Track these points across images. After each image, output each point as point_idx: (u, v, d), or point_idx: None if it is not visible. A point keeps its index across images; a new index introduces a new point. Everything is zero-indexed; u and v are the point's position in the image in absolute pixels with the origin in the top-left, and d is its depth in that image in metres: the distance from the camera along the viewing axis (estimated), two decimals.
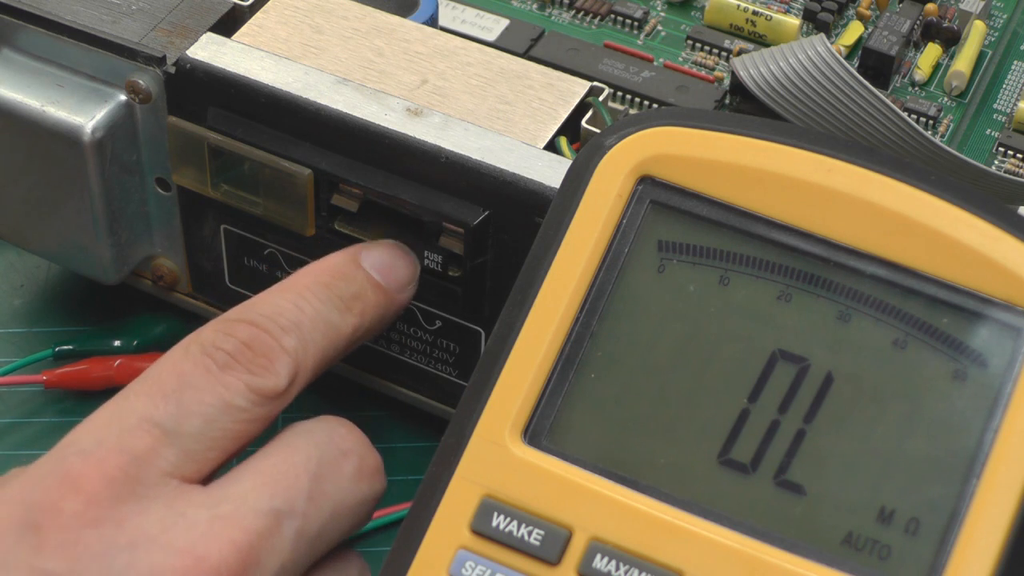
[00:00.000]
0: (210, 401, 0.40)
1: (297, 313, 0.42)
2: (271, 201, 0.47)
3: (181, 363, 0.41)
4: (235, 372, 0.40)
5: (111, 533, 0.37)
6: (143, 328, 0.54)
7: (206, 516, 0.38)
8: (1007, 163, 0.58)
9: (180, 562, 0.37)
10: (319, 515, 0.40)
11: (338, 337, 0.43)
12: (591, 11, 0.62)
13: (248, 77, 0.46)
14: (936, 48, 0.61)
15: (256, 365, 0.41)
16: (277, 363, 0.41)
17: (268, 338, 0.41)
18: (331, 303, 0.43)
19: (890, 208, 0.38)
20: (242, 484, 0.39)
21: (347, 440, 0.41)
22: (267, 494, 0.39)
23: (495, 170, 0.44)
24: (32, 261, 0.57)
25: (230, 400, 0.40)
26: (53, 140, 0.48)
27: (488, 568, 0.38)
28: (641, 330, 0.39)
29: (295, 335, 0.42)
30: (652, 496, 0.38)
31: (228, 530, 0.38)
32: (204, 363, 0.40)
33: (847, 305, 0.39)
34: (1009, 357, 0.37)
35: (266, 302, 0.42)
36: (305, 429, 0.41)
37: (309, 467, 0.40)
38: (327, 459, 0.40)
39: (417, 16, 0.55)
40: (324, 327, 0.42)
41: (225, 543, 0.38)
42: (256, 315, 0.42)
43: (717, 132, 0.40)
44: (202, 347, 0.41)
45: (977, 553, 0.36)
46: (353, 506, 0.41)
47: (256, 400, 0.40)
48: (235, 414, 0.40)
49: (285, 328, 0.41)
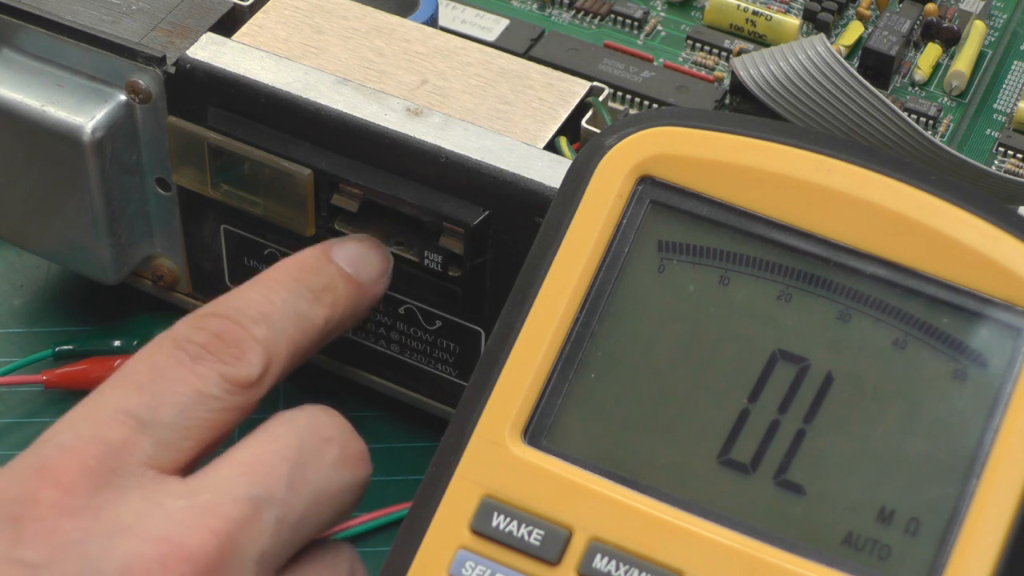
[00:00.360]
0: (183, 391, 0.40)
1: (267, 304, 0.42)
2: (271, 201, 0.47)
3: (154, 356, 0.41)
4: (207, 362, 0.41)
5: (88, 522, 0.38)
6: (143, 328, 0.54)
7: (184, 505, 0.38)
8: (1007, 163, 0.58)
9: (156, 550, 0.37)
10: (300, 502, 0.40)
11: (310, 327, 0.43)
12: (591, 11, 0.62)
13: (248, 77, 0.46)
14: (936, 48, 0.61)
15: (228, 355, 0.41)
16: (249, 352, 0.41)
17: (239, 329, 0.42)
18: (300, 294, 0.43)
19: (890, 208, 0.38)
20: (221, 473, 0.39)
21: (329, 427, 0.41)
22: (245, 482, 0.39)
23: (495, 170, 0.44)
24: (32, 261, 0.57)
25: (204, 389, 0.40)
26: (53, 140, 0.48)
27: (488, 568, 0.38)
28: (641, 330, 0.39)
29: (265, 325, 0.42)
30: (652, 496, 0.38)
31: (206, 518, 0.38)
32: (176, 355, 0.41)
33: (847, 305, 0.39)
34: (1009, 357, 0.37)
35: (236, 296, 0.43)
36: (287, 418, 0.41)
37: (289, 454, 0.40)
38: (308, 446, 0.40)
39: (417, 16, 0.55)
40: (295, 317, 0.43)
41: (202, 531, 0.38)
42: (226, 308, 0.42)
43: (717, 132, 0.40)
44: (175, 341, 0.41)
45: (977, 553, 0.36)
46: (336, 493, 0.41)
47: (230, 389, 0.41)
48: (209, 403, 0.40)
49: (255, 319, 0.42)
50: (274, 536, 0.39)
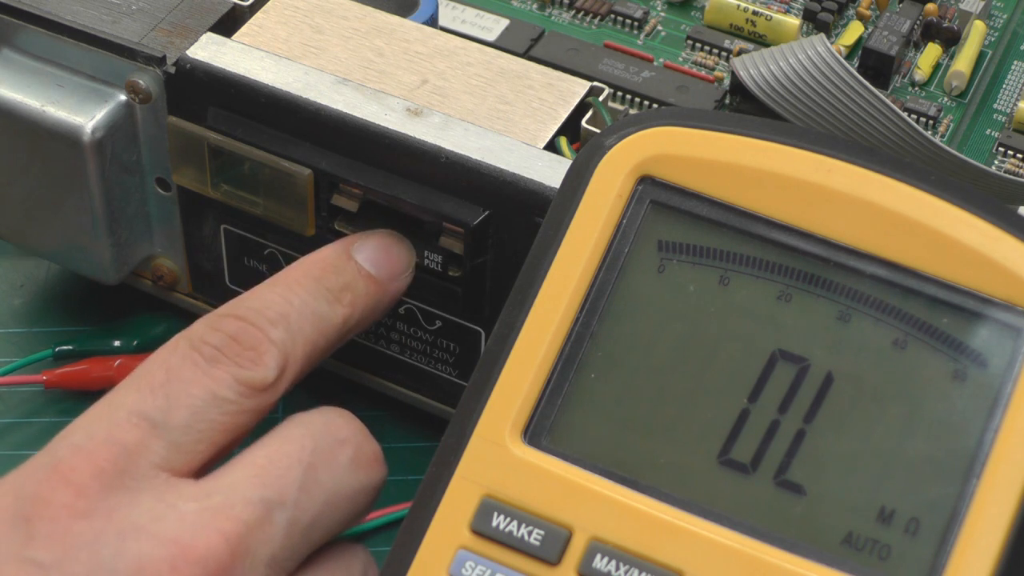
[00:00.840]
0: (198, 393, 0.40)
1: (285, 306, 0.42)
2: (271, 201, 0.47)
3: (169, 358, 0.41)
4: (222, 365, 0.41)
5: (100, 524, 0.38)
6: (143, 328, 0.54)
7: (195, 508, 0.38)
8: (1007, 163, 0.58)
9: (167, 552, 0.37)
10: (312, 505, 0.40)
11: (328, 328, 0.43)
12: (591, 11, 0.62)
13: (248, 77, 0.46)
14: (936, 48, 0.61)
15: (243, 358, 0.41)
16: (265, 355, 0.41)
17: (255, 331, 0.41)
18: (320, 295, 0.43)
19: (890, 208, 0.38)
20: (233, 475, 0.39)
21: (344, 429, 0.41)
22: (257, 484, 0.39)
23: (495, 170, 0.44)
24: (32, 261, 0.57)
25: (218, 392, 0.40)
26: (53, 140, 0.48)
27: (488, 568, 0.38)
28: (641, 330, 0.39)
29: (283, 327, 0.42)
30: (652, 496, 0.38)
31: (217, 520, 0.38)
32: (192, 357, 0.41)
33: (847, 305, 0.39)
34: (1009, 357, 0.37)
35: (254, 296, 0.43)
36: (302, 420, 0.41)
37: (303, 456, 0.40)
38: (322, 448, 0.40)
39: (417, 16, 0.55)
40: (313, 319, 0.42)
41: (213, 533, 0.38)
42: (244, 309, 0.42)
43: (717, 132, 0.40)
44: (190, 342, 0.41)
45: (977, 553, 0.36)
46: (350, 495, 0.41)
47: (244, 392, 0.40)
48: (223, 406, 0.40)
49: (272, 320, 0.42)
50: (285, 539, 0.39)
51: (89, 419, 0.40)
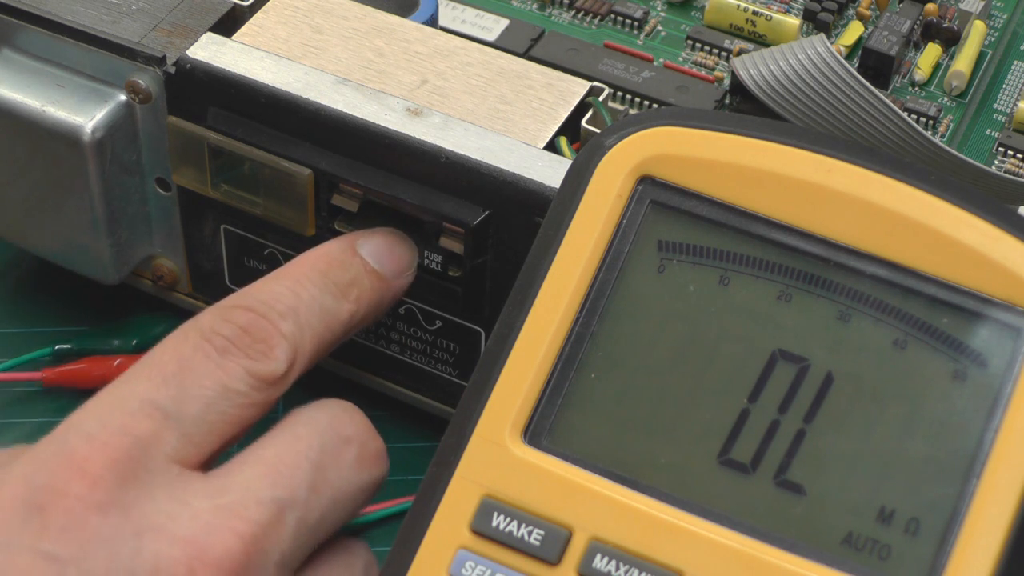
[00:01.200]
0: (209, 385, 0.40)
1: (294, 299, 0.42)
2: (271, 201, 0.47)
3: (180, 348, 0.41)
4: (234, 357, 0.41)
5: (116, 520, 0.37)
6: (143, 328, 0.54)
7: (209, 506, 0.38)
8: (1007, 163, 0.58)
9: (183, 552, 0.37)
10: (320, 504, 0.40)
11: (335, 323, 0.43)
12: (591, 11, 0.62)
13: (248, 77, 0.46)
14: (936, 48, 0.61)
15: (254, 350, 0.41)
16: (276, 348, 0.41)
17: (266, 323, 0.41)
18: (327, 289, 0.43)
19: (890, 208, 0.38)
20: (244, 473, 0.39)
21: (349, 426, 0.41)
22: (269, 483, 0.39)
23: (495, 170, 0.44)
24: (32, 261, 0.57)
25: (229, 384, 0.40)
26: (53, 140, 0.48)
27: (488, 568, 0.38)
28: (641, 330, 0.39)
29: (292, 320, 0.42)
30: (652, 496, 0.38)
31: (231, 520, 0.38)
32: (203, 348, 0.41)
33: (847, 305, 0.39)
34: (1009, 357, 0.37)
35: (263, 289, 0.42)
36: (307, 416, 0.41)
37: (311, 456, 0.40)
38: (329, 447, 0.40)
39: (417, 16, 0.55)
40: (320, 313, 0.43)
41: (228, 534, 0.38)
42: (253, 301, 0.42)
43: (717, 132, 0.40)
44: (201, 332, 0.41)
45: (977, 553, 0.36)
46: (354, 493, 0.41)
47: (255, 385, 0.40)
48: (234, 398, 0.40)
49: (282, 314, 0.42)
50: (294, 539, 0.39)
51: (100, 407, 0.39)
